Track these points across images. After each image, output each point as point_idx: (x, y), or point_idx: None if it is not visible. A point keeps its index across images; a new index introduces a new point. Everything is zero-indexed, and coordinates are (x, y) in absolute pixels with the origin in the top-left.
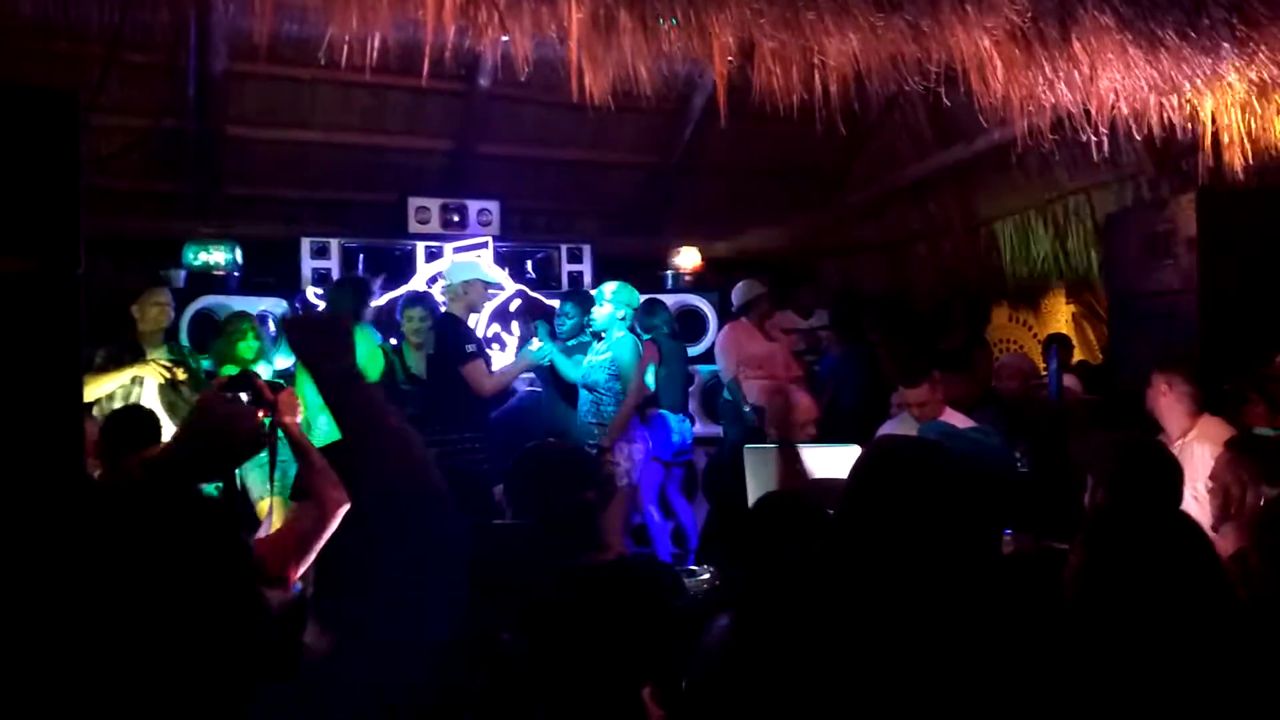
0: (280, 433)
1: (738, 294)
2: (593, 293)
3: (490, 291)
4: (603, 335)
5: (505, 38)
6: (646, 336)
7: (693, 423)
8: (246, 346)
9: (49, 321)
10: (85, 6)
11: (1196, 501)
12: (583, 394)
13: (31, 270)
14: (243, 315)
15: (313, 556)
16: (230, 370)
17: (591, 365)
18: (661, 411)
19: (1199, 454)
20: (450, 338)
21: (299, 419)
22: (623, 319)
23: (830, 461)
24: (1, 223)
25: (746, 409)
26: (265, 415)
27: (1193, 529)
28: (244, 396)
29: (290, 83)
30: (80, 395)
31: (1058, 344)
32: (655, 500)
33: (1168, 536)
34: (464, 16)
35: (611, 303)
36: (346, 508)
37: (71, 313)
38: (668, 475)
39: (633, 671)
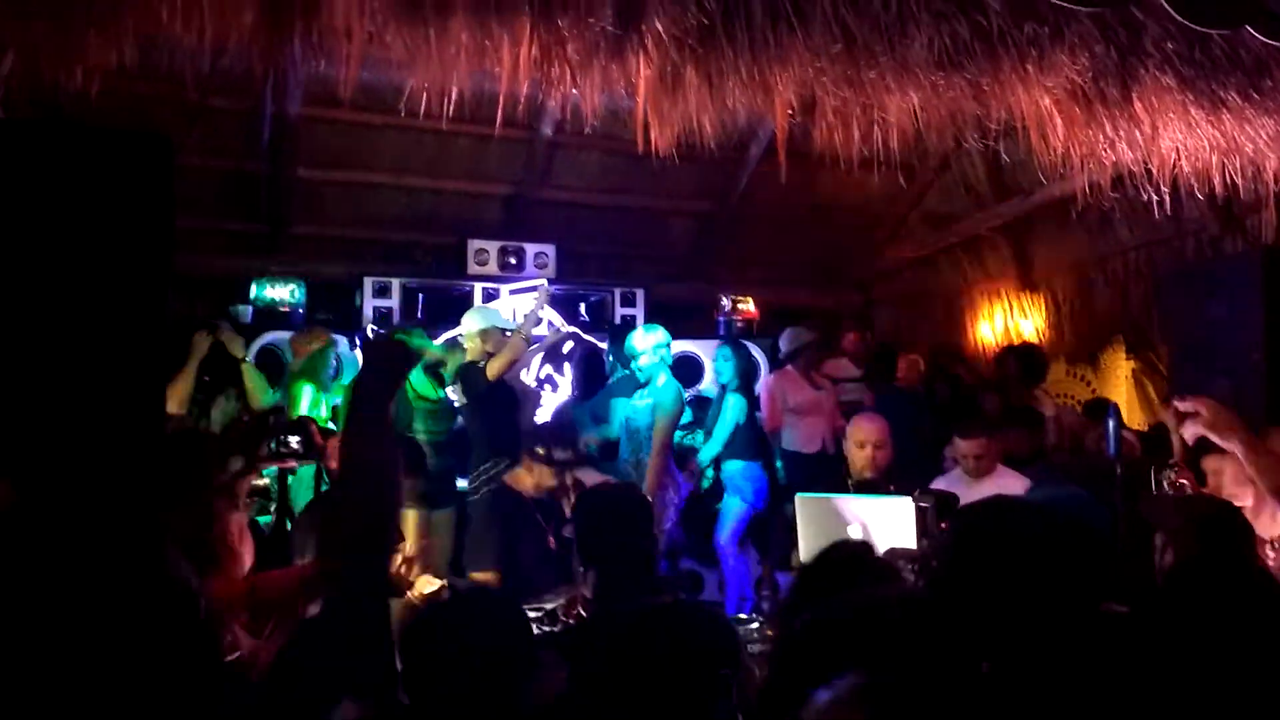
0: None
1: (785, 341)
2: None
3: (508, 334)
4: (648, 381)
5: (574, 91)
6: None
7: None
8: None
9: (135, 351)
10: (179, 54)
11: None
12: (623, 438)
13: (121, 304)
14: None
15: None
16: (308, 384)
17: (636, 410)
18: (753, 463)
19: None
20: (469, 382)
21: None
22: (662, 359)
23: (881, 513)
24: (99, 259)
25: (778, 464)
26: (312, 461)
27: (1272, 587)
28: (294, 441)
29: (360, 128)
30: (163, 424)
31: (1116, 403)
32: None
33: (1244, 598)
34: (538, 70)
35: (650, 350)
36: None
37: (156, 344)
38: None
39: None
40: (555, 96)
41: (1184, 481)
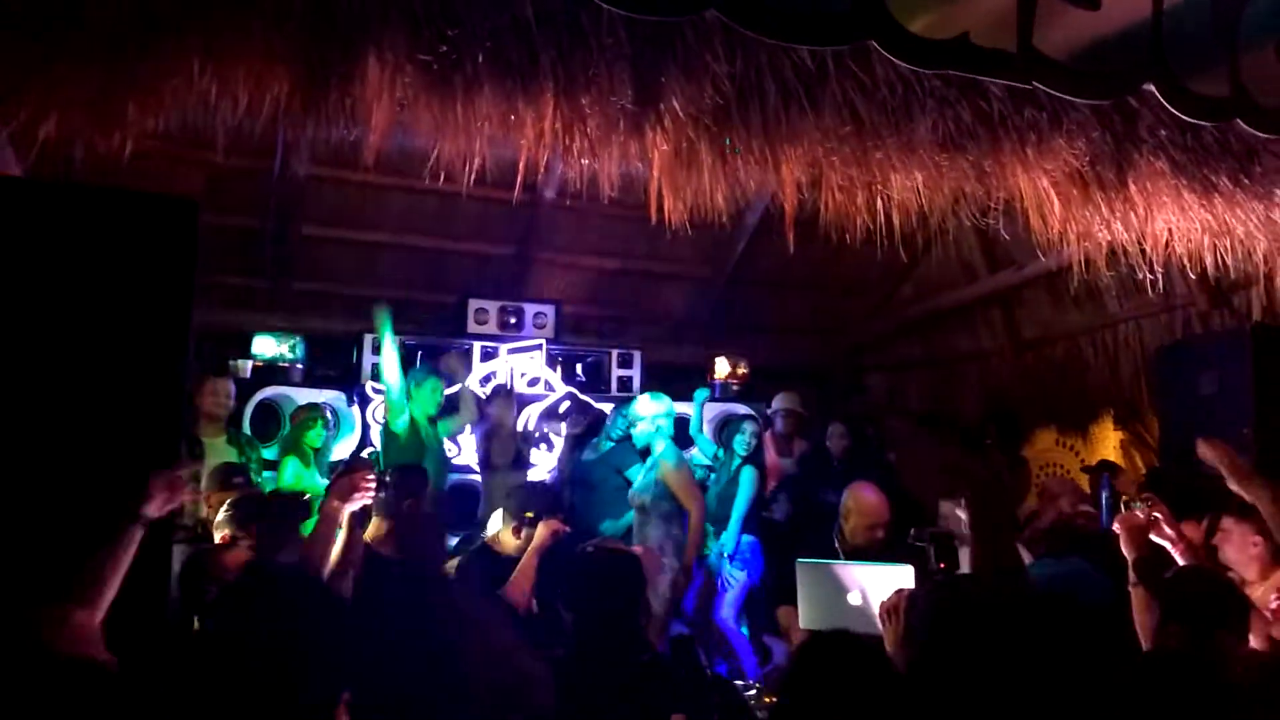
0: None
1: (778, 400)
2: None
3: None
4: (648, 451)
5: (586, 161)
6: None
7: None
8: (315, 435)
9: (154, 405)
10: (206, 118)
11: None
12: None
13: (142, 358)
14: (313, 406)
15: None
16: (292, 460)
17: (641, 484)
18: (756, 538)
19: None
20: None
21: (347, 506)
22: (660, 430)
23: (881, 580)
24: (124, 315)
25: None
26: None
27: None
28: None
29: (366, 188)
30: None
31: (1109, 471)
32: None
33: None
34: (558, 142)
35: (650, 418)
36: None
37: (175, 398)
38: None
39: None
40: (572, 167)
41: (1158, 515)
